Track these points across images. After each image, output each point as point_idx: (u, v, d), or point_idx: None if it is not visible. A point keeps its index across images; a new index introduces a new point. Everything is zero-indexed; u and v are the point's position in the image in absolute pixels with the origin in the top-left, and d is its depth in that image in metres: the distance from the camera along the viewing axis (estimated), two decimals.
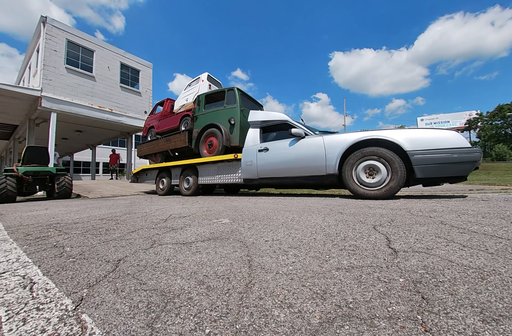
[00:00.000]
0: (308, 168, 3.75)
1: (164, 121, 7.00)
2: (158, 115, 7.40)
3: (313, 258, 1.08)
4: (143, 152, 7.53)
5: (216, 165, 5.16)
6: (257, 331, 0.60)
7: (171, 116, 6.80)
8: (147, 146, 7.30)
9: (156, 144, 6.80)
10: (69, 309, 0.74)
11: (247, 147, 4.59)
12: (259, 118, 4.65)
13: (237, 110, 5.08)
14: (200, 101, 5.78)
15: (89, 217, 2.60)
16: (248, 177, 4.54)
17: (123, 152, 15.31)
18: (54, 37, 9.41)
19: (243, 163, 4.55)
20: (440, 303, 0.67)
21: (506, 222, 1.57)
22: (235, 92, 5.21)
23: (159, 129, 7.09)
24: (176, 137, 6.05)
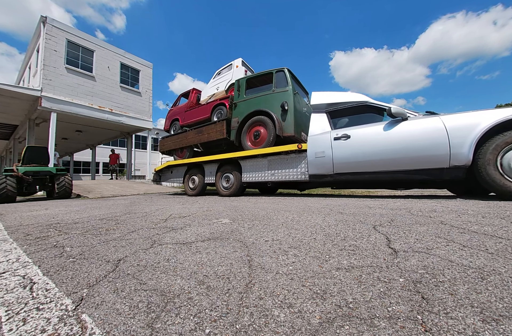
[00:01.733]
0: (419, 159, 2.89)
1: (191, 113, 6.41)
2: (183, 107, 6.86)
3: (313, 258, 1.08)
4: (167, 147, 6.79)
5: (267, 159, 4.44)
6: (257, 331, 0.60)
7: (199, 107, 6.21)
8: (172, 140, 6.58)
9: (184, 137, 6.11)
10: (69, 309, 0.74)
11: (315, 136, 3.79)
12: (325, 101, 3.93)
13: (289, 93, 4.35)
14: (240, 86, 5.12)
15: (89, 217, 2.60)
16: (317, 173, 3.70)
17: (123, 152, 15.31)
18: (54, 37, 9.40)
19: (310, 155, 3.75)
20: (440, 303, 0.67)
21: (506, 222, 1.57)
22: (285, 73, 4.53)
23: (185, 121, 6.51)
24: (211, 128, 5.39)
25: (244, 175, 4.73)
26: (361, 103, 3.62)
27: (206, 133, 5.48)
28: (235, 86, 5.25)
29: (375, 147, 3.19)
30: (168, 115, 7.41)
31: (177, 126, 6.87)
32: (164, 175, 6.95)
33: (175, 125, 6.96)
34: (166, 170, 6.84)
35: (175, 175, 6.47)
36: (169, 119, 7.29)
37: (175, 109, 7.23)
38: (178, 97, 7.48)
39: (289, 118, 4.26)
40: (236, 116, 5.05)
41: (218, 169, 5.27)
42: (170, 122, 7.16)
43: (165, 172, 6.89)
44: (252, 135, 4.78)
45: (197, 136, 5.73)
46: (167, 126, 7.32)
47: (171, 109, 7.43)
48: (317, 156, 3.70)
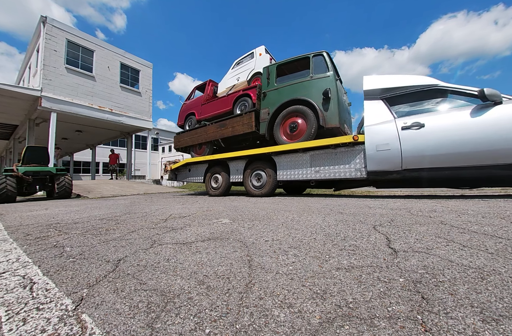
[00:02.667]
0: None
1: (208, 106, 5.96)
2: (199, 100, 6.42)
3: (313, 258, 1.08)
4: (183, 143, 6.30)
5: (309, 154, 3.95)
6: (257, 331, 0.60)
7: (219, 99, 5.77)
8: (189, 135, 6.08)
9: (204, 132, 5.64)
10: (69, 309, 0.74)
11: (373, 126, 3.29)
12: (380, 86, 3.44)
13: (331, 79, 3.89)
14: (270, 73, 4.66)
15: (89, 217, 2.60)
16: (379, 169, 3.18)
17: (123, 152, 15.32)
18: (54, 37, 9.40)
19: (369, 149, 3.24)
20: (440, 303, 0.67)
21: (506, 222, 1.57)
22: (325, 57, 4.08)
23: (202, 116, 6.07)
24: (236, 121, 4.90)
25: (280, 173, 4.20)
26: (429, 86, 3.12)
27: (231, 127, 4.98)
28: (264, 74, 4.78)
29: (460, 136, 2.68)
30: (182, 110, 6.97)
31: (193, 121, 6.42)
32: (180, 174, 6.45)
33: (191, 120, 6.50)
34: (183, 169, 6.36)
35: (193, 174, 5.96)
36: (183, 113, 6.83)
37: (190, 102, 6.77)
38: (192, 90, 7.02)
39: (332, 107, 3.79)
40: (266, 106, 4.57)
41: (246, 166, 4.78)
42: (185, 117, 6.72)
43: (182, 171, 6.41)
44: (288, 128, 4.25)
45: (219, 131, 5.22)
46: (181, 121, 6.86)
47: (185, 103, 6.99)
48: (379, 149, 3.14)
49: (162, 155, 28.31)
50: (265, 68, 4.84)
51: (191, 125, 6.51)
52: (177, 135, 6.58)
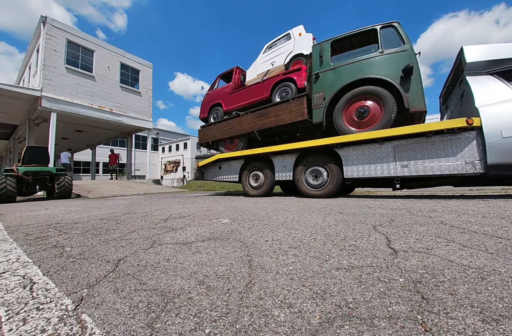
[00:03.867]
0: None
1: (239, 95, 5.37)
2: (225, 89, 5.82)
3: (313, 258, 1.08)
4: (210, 136, 5.65)
5: (391, 144, 3.27)
6: (257, 331, 0.60)
7: (251, 86, 5.17)
8: (218, 128, 5.46)
9: (237, 123, 5.03)
10: (69, 309, 0.74)
11: (493, 105, 2.74)
12: (486, 57, 2.92)
13: (410, 54, 3.31)
14: (323, 51, 4.04)
15: (89, 217, 2.60)
16: (508, 162, 2.60)
17: (123, 152, 15.32)
18: (54, 37, 9.40)
19: (491, 135, 2.64)
20: (440, 303, 0.67)
21: (506, 222, 1.57)
22: (397, 29, 3.50)
23: (232, 106, 5.46)
24: (281, 109, 4.28)
25: (348, 169, 3.54)
26: None
27: (273, 116, 4.37)
28: (314, 53, 4.18)
29: None
30: (205, 100, 6.32)
31: (219, 112, 5.79)
32: (208, 172, 5.74)
33: (217, 111, 5.88)
34: (212, 166, 5.64)
35: (225, 171, 5.27)
36: (207, 104, 6.21)
37: (214, 92, 6.15)
38: (216, 79, 6.32)
39: (415, 86, 3.19)
40: (321, 90, 3.93)
41: (297, 162, 4.15)
42: (209, 108, 6.08)
43: (210, 168, 5.69)
44: (354, 114, 3.56)
45: (258, 121, 4.61)
46: (204, 113, 6.22)
47: (208, 93, 6.35)
48: (506, 135, 2.55)
49: (162, 155, 28.33)
50: (316, 45, 4.16)
51: (217, 117, 5.87)
52: (203, 128, 5.90)
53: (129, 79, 12.36)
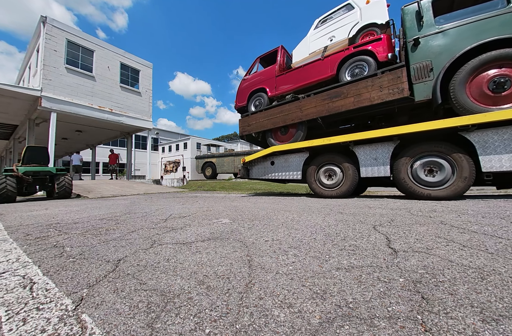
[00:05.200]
0: None
1: (290, 76, 4.69)
2: (269, 72, 5.13)
3: (313, 258, 1.08)
4: (257, 126, 4.89)
5: None
6: (257, 331, 0.60)
7: (308, 65, 4.44)
8: (268, 116, 4.70)
9: (297, 108, 4.29)
10: (69, 309, 0.74)
11: None
12: None
13: None
14: (423, 11, 3.29)
15: (89, 217, 2.60)
16: None
17: (123, 152, 15.32)
18: (54, 37, 9.40)
19: None
20: (440, 303, 0.67)
21: (506, 222, 1.57)
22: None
23: (280, 90, 4.82)
24: (365, 85, 3.52)
25: (487, 159, 2.71)
26: None
27: (353, 96, 3.62)
28: (408, 15, 3.45)
29: None
30: (241, 87, 5.64)
31: (263, 99, 5.11)
32: (256, 168, 4.91)
33: (259, 98, 5.22)
34: (261, 161, 4.82)
35: (280, 168, 4.48)
36: (244, 91, 5.51)
37: (254, 77, 5.44)
38: (254, 62, 5.61)
39: None
40: (424, 59, 3.24)
41: (395, 152, 3.31)
42: (249, 95, 5.39)
43: (259, 164, 4.85)
44: (487, 86, 2.83)
45: (328, 103, 3.88)
46: (242, 101, 5.54)
47: (245, 78, 5.63)
48: None
49: (162, 155, 28.32)
50: (410, 6, 3.45)
51: (260, 104, 5.16)
52: (245, 118, 5.16)
53: (129, 79, 12.36)
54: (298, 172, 4.24)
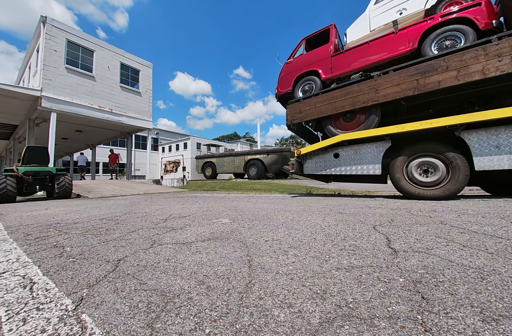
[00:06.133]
0: None
1: (351, 55, 4.14)
2: (321, 52, 4.61)
3: (313, 258, 1.08)
4: (311, 113, 4.27)
5: None
6: (257, 331, 0.60)
7: (375, 41, 3.89)
8: (327, 100, 4.06)
9: (370, 89, 3.63)
10: (69, 309, 0.74)
11: None
12: None
13: None
14: None
15: (89, 217, 2.60)
16: None
17: (123, 152, 15.32)
18: (54, 37, 9.40)
19: None
20: (440, 303, 0.67)
21: (506, 222, 1.57)
22: None
23: (338, 71, 4.26)
24: (476, 55, 2.87)
25: None
26: None
27: (456, 69, 2.98)
28: None
29: None
30: (285, 72, 5.13)
31: (315, 83, 4.56)
32: (313, 162, 4.14)
33: (309, 82, 4.69)
34: (320, 153, 4.07)
35: (347, 161, 3.72)
36: (289, 76, 4.98)
37: (301, 59, 4.94)
38: (299, 43, 5.10)
39: None
40: None
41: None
42: (295, 79, 4.87)
43: (317, 157, 4.10)
44: None
45: (418, 80, 3.23)
46: (286, 87, 5.00)
47: (289, 62, 5.11)
48: None
49: (162, 155, 28.32)
50: None
51: (310, 89, 4.61)
52: (297, 103, 4.53)
53: (129, 79, 12.36)
54: (375, 165, 3.43)
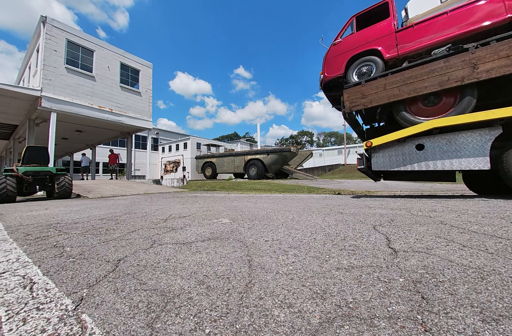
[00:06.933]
0: None
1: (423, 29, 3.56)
2: (381, 29, 4.02)
3: (313, 258, 1.08)
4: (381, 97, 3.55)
5: None
6: (257, 331, 0.59)
7: (461, 8, 3.27)
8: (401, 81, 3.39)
9: (465, 63, 2.97)
10: (69, 309, 0.74)
11: None
12: None
13: None
14: None
15: (89, 217, 2.60)
16: None
17: (123, 152, 15.33)
18: (54, 37, 9.40)
19: None
20: (440, 303, 0.67)
21: (506, 222, 1.57)
22: None
23: (410, 48, 3.64)
24: None
25: None
26: None
27: None
28: None
29: None
30: (333, 54, 4.51)
31: (375, 64, 3.95)
32: (386, 156, 3.42)
33: (368, 64, 4.07)
34: (397, 145, 3.33)
35: (436, 153, 3.06)
36: (339, 58, 4.38)
37: (353, 39, 4.34)
38: (347, 21, 4.51)
39: None
40: None
41: None
42: (347, 62, 4.28)
43: (393, 149, 3.37)
44: None
45: None
46: (335, 71, 4.40)
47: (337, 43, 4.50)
48: None
49: (162, 155, 28.31)
50: None
51: (369, 71, 4.02)
52: (357, 87, 3.84)
53: (129, 79, 12.36)
54: (481, 158, 2.73)
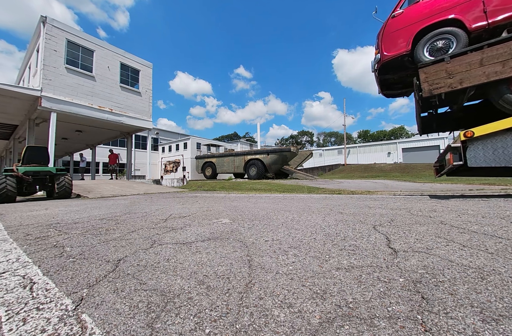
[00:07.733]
0: None
1: None
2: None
3: (313, 258, 1.07)
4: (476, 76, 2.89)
5: None
6: (257, 331, 0.59)
7: None
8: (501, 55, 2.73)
9: None
10: (69, 309, 0.74)
11: None
12: None
13: None
14: None
15: (89, 217, 2.60)
16: None
17: (123, 152, 15.33)
18: (54, 37, 9.40)
19: None
20: (440, 303, 0.67)
21: (506, 222, 1.57)
22: None
23: None
24: None
25: None
26: None
27: None
28: None
29: None
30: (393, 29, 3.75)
31: (455, 38, 3.24)
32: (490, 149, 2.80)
33: (445, 38, 3.36)
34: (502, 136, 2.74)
35: None
36: (402, 33, 3.64)
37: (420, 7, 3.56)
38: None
39: None
40: None
41: None
42: (415, 37, 3.52)
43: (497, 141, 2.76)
44: None
45: None
46: (399, 49, 3.63)
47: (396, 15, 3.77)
48: None
49: (162, 155, 28.32)
50: None
51: (447, 47, 3.32)
52: (441, 64, 3.10)
53: (129, 79, 12.36)
54: None
